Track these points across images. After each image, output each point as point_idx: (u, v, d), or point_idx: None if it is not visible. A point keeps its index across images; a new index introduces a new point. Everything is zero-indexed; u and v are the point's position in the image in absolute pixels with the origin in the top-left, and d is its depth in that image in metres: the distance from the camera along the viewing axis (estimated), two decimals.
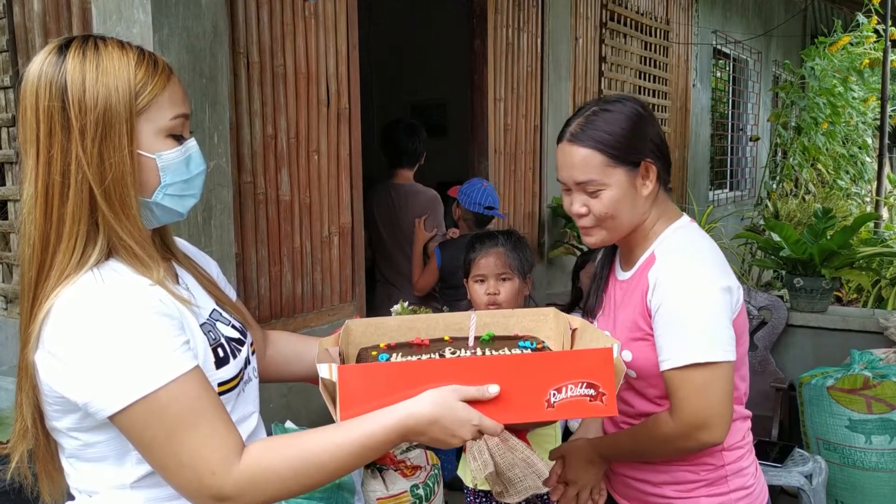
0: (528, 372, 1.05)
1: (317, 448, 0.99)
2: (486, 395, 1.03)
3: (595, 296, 1.58)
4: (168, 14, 2.14)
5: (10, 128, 2.63)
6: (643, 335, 1.38)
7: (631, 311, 1.41)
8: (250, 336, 1.20)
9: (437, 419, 1.00)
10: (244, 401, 1.14)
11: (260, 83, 2.59)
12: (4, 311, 2.78)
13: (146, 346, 0.93)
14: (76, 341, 0.92)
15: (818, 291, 3.66)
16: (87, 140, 0.96)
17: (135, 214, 1.00)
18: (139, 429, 0.94)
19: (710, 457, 1.42)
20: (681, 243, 1.41)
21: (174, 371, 0.94)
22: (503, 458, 1.94)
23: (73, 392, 0.94)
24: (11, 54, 2.56)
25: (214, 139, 2.31)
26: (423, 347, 1.27)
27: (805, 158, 6.99)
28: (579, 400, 1.06)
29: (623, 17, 5.48)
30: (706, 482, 1.44)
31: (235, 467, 0.96)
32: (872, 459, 2.93)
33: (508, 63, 4.20)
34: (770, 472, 2.74)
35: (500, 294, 2.07)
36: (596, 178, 1.37)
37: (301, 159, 2.79)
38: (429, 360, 1.12)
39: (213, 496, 0.95)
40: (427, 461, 2.83)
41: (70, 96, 0.96)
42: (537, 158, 4.57)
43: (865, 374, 2.98)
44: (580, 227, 1.45)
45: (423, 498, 2.69)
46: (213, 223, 2.33)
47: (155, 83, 1.00)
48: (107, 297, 0.94)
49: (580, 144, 1.37)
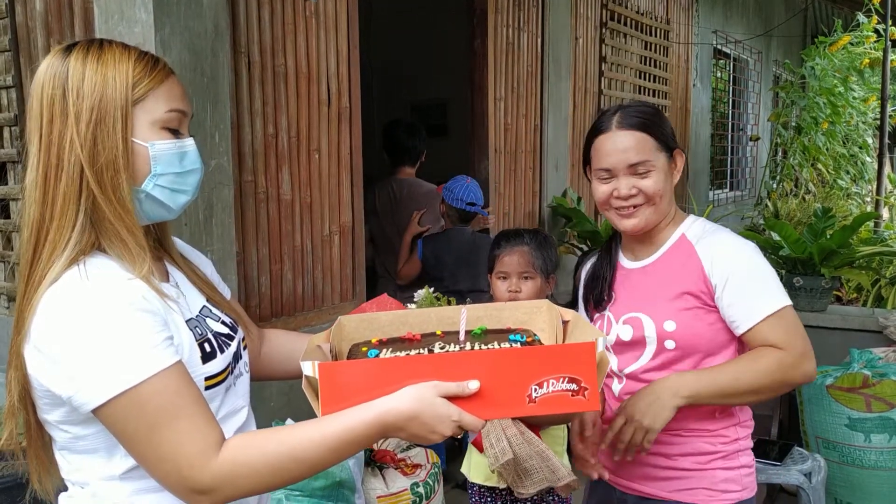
0: (509, 367, 1.05)
1: (295, 443, 1.00)
2: (465, 391, 1.03)
3: (605, 289, 1.64)
4: (169, 13, 2.15)
5: (13, 127, 2.64)
6: (694, 305, 1.50)
7: (676, 287, 1.52)
8: (241, 332, 1.22)
9: (415, 415, 1.01)
10: (234, 395, 1.16)
11: (261, 82, 2.59)
12: (6, 310, 2.79)
13: (127, 342, 0.96)
14: (60, 337, 0.95)
15: (818, 290, 3.67)
16: (82, 124, 1.00)
17: (124, 197, 1.03)
18: (120, 423, 0.97)
19: (727, 429, 1.53)
20: (713, 225, 1.59)
21: (155, 366, 0.97)
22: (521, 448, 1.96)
23: (58, 386, 0.97)
24: (14, 54, 2.57)
25: (216, 138, 2.32)
26: (415, 342, 1.27)
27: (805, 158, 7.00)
28: (561, 395, 1.06)
29: (623, 16, 5.49)
30: (722, 454, 1.53)
31: (214, 461, 0.97)
32: (872, 458, 2.93)
33: (508, 63, 4.21)
34: (769, 470, 2.75)
35: (521, 292, 2.08)
36: (650, 159, 1.50)
37: (302, 158, 2.80)
38: (409, 356, 1.12)
39: (192, 489, 0.98)
40: (427, 459, 2.84)
41: (70, 85, 1.01)
42: (537, 158, 4.58)
43: (865, 372, 2.99)
44: (625, 210, 1.53)
45: (424, 496, 2.70)
46: (215, 221, 2.34)
47: (153, 77, 1.04)
48: (90, 294, 0.97)
49: (633, 129, 1.51)
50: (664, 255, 1.58)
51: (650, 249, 1.60)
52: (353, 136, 3.04)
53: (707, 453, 1.52)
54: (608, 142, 1.53)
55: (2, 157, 2.70)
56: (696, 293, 1.50)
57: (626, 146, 1.50)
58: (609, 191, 1.54)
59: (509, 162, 4.30)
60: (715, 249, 1.50)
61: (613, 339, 1.59)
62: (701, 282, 1.49)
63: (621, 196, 1.52)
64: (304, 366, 1.04)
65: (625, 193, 1.51)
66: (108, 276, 1.00)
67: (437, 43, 5.49)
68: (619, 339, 1.58)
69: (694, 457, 1.52)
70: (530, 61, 4.42)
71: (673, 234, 1.58)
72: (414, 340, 1.28)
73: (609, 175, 1.53)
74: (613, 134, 1.52)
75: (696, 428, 1.53)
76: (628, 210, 1.53)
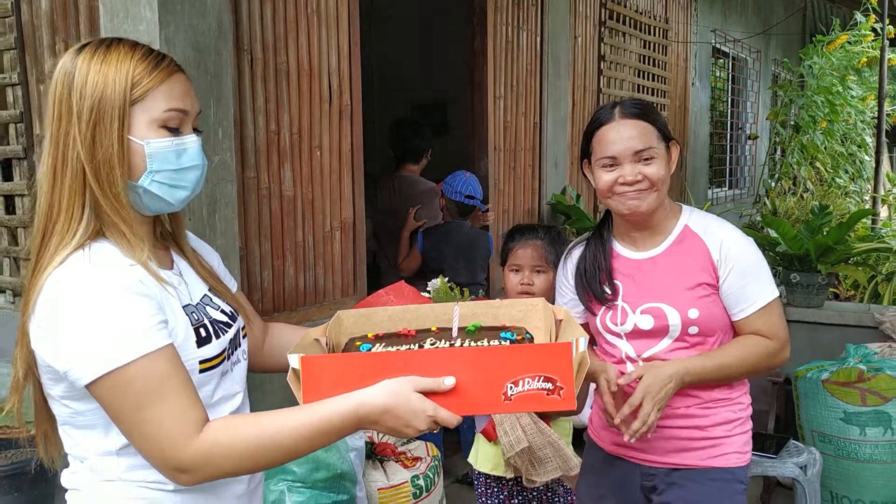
0: (485, 365, 1.07)
1: (272, 430, 1.05)
2: (441, 387, 1.06)
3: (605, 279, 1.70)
4: (174, 11, 2.18)
5: (18, 124, 2.67)
6: (708, 293, 1.63)
7: (693, 277, 1.63)
8: (241, 321, 1.27)
9: (390, 409, 1.04)
10: (231, 380, 1.21)
11: (263, 79, 2.63)
12: (12, 305, 2.82)
13: (120, 323, 1.01)
14: (59, 316, 1.02)
15: (814, 287, 3.71)
16: (83, 122, 1.06)
17: (119, 193, 1.08)
18: (108, 399, 1.02)
19: (742, 396, 1.72)
20: (712, 217, 1.72)
21: (144, 348, 1.02)
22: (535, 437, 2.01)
23: (56, 361, 1.03)
24: (19, 52, 2.60)
25: (219, 135, 2.36)
26: (409, 338, 1.29)
27: (803, 156, 7.02)
28: (536, 393, 1.07)
29: (622, 15, 5.51)
30: (740, 420, 1.70)
31: (194, 442, 1.02)
32: (867, 451, 2.97)
33: (508, 61, 4.24)
34: (765, 462, 2.78)
35: (534, 285, 2.12)
36: (654, 146, 1.60)
37: (303, 155, 2.83)
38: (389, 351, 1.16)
39: (173, 467, 1.03)
40: (427, 453, 2.87)
41: (75, 84, 1.07)
42: (537, 155, 4.61)
43: (860, 367, 3.02)
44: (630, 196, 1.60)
45: (424, 489, 2.73)
46: (218, 217, 2.38)
47: (153, 77, 1.09)
48: (89, 277, 1.03)
49: (637, 118, 1.61)
50: (672, 245, 1.67)
51: (655, 240, 1.69)
52: (354, 133, 3.07)
53: (732, 421, 1.69)
54: (612, 131, 1.61)
55: (7, 154, 2.73)
56: (710, 282, 1.63)
57: (631, 134, 1.59)
58: (614, 178, 1.60)
59: (509, 159, 4.33)
60: (723, 241, 1.64)
61: (630, 328, 1.67)
62: (711, 270, 1.63)
63: (627, 182, 1.59)
64: (290, 358, 1.09)
65: (630, 179, 1.59)
66: (109, 261, 1.06)
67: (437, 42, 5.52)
68: (636, 328, 1.66)
69: (723, 425, 1.67)
70: (530, 60, 4.45)
71: (676, 226, 1.68)
72: (409, 336, 1.31)
73: (613, 163, 1.60)
74: (617, 123, 1.61)
75: (721, 398, 1.68)
76: (633, 195, 1.59)
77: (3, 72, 2.69)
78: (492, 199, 4.11)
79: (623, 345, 1.70)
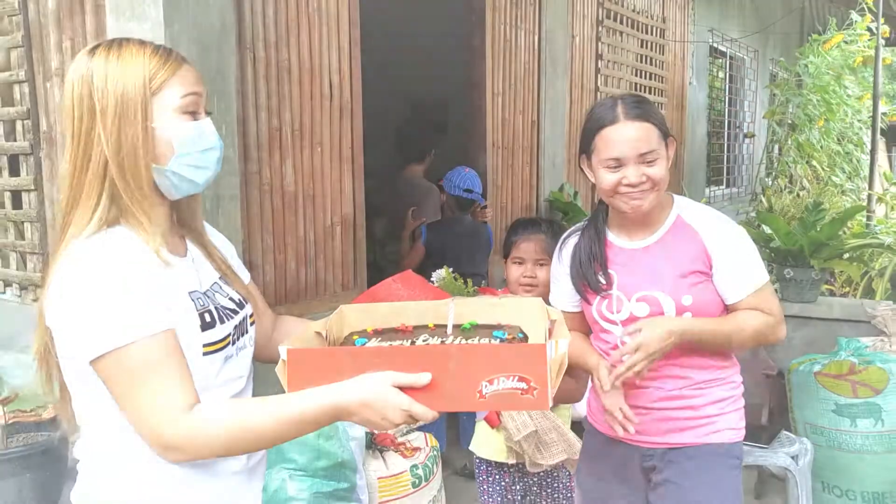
0: (462, 363, 1.11)
1: (254, 418, 1.12)
2: (418, 383, 1.10)
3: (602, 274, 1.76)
4: (178, 10, 2.24)
5: (26, 120, 2.72)
6: (701, 280, 1.69)
7: (686, 265, 1.69)
8: (249, 309, 1.33)
9: (367, 402, 1.09)
10: (235, 364, 1.26)
11: (265, 77, 2.68)
12: (19, 299, 2.87)
13: (122, 306, 1.08)
14: (68, 295, 1.09)
15: (808, 282, 3.75)
16: (108, 119, 1.13)
17: (142, 182, 1.15)
18: (106, 377, 1.10)
19: (734, 375, 1.79)
20: (704, 207, 1.78)
21: (143, 331, 1.08)
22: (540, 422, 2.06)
23: (63, 335, 1.11)
24: (26, 50, 2.65)
25: (222, 130, 2.40)
26: (405, 333, 1.34)
27: (800, 155, 7.07)
28: (510, 393, 1.09)
29: (620, 15, 5.56)
30: (732, 398, 1.77)
31: (182, 422, 1.09)
32: (857, 442, 3.02)
33: (506, 60, 4.29)
34: (756, 452, 2.84)
35: (536, 278, 2.15)
36: (657, 148, 1.64)
37: (305, 151, 2.89)
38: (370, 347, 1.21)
39: (161, 445, 1.10)
40: (426, 443, 2.92)
41: (95, 84, 1.14)
42: (535, 153, 4.66)
43: (851, 360, 3.07)
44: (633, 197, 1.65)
45: (422, 478, 2.78)
46: (221, 211, 2.43)
47: (166, 69, 1.16)
48: (99, 261, 1.10)
49: (642, 120, 1.64)
50: (665, 235, 1.73)
51: (648, 230, 1.74)
52: (355, 130, 3.12)
53: (724, 399, 1.76)
54: (617, 133, 1.63)
55: (15, 150, 2.78)
56: (703, 269, 1.69)
57: (637, 136, 1.63)
58: (618, 179, 1.64)
59: (507, 157, 4.38)
60: (714, 230, 1.71)
61: (626, 316, 1.72)
62: (705, 257, 1.69)
63: (631, 184, 1.63)
64: (281, 350, 1.14)
65: (635, 181, 1.63)
66: (121, 246, 1.13)
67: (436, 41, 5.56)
68: (632, 316, 1.71)
69: (716, 403, 1.74)
70: (527, 58, 4.50)
71: (669, 216, 1.74)
72: (405, 331, 1.36)
73: (618, 164, 1.64)
74: (622, 125, 1.64)
75: (712, 378, 1.74)
76: (636, 195, 1.64)
77: (11, 69, 2.74)
78: (490, 196, 4.16)
79: (619, 331, 1.75)
